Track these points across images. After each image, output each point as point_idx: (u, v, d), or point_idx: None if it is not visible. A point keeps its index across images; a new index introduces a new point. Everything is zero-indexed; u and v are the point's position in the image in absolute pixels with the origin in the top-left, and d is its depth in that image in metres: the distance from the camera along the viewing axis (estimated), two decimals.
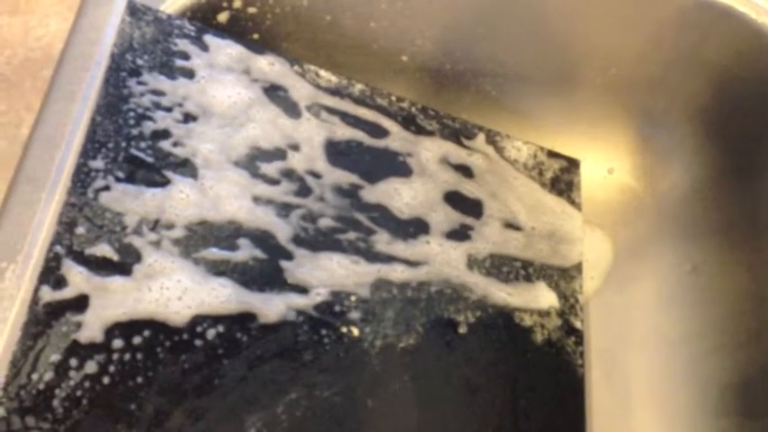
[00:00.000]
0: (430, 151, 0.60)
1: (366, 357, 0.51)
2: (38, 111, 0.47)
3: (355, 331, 0.51)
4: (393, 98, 0.60)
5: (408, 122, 0.60)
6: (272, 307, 0.49)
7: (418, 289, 0.54)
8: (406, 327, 0.53)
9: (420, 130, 0.60)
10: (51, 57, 0.49)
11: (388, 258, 0.54)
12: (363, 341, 0.51)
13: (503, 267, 0.58)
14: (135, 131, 0.49)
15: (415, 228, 0.57)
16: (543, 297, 0.59)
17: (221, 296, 0.48)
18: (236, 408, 0.45)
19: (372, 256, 0.54)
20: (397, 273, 0.54)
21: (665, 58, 0.61)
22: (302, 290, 0.50)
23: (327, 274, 0.52)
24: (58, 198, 0.46)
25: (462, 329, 0.55)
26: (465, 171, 0.61)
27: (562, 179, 0.65)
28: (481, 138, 0.63)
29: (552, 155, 0.65)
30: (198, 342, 0.46)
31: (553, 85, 0.66)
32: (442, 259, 0.56)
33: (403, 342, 0.52)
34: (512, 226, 0.61)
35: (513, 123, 0.67)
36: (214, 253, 0.49)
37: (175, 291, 0.47)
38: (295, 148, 0.55)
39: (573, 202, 0.64)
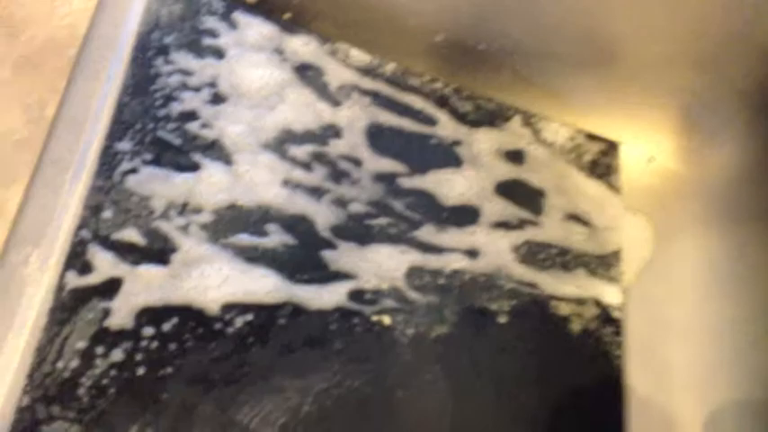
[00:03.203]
0: (481, 141, 0.58)
1: (397, 347, 0.49)
2: (62, 92, 0.46)
3: (386, 320, 0.49)
4: (426, 78, 0.58)
5: (442, 104, 0.58)
6: (306, 295, 0.48)
7: (451, 277, 0.52)
8: (438, 316, 0.51)
9: (466, 119, 0.58)
10: (76, 36, 0.47)
11: (423, 247, 0.52)
12: (394, 330, 0.49)
13: (539, 255, 0.56)
14: (162, 112, 0.48)
15: (457, 217, 0.55)
16: (580, 285, 0.57)
17: (261, 285, 0.47)
18: (265, 397, 0.44)
19: (407, 245, 0.52)
20: (431, 261, 0.52)
21: (714, 35, 0.58)
22: (335, 278, 0.49)
23: (361, 261, 0.50)
24: (84, 181, 0.45)
25: (496, 318, 0.53)
26: (512, 160, 0.59)
27: (601, 163, 0.62)
28: (517, 120, 0.60)
29: (591, 137, 0.63)
30: (228, 330, 0.45)
31: (592, 64, 0.63)
32: (477, 247, 0.54)
33: (435, 331, 0.51)
34: (549, 212, 0.58)
35: (550, 104, 0.64)
36: (244, 239, 0.47)
37: (215, 279, 0.46)
38: (334, 132, 0.53)
39: (612, 187, 0.62)
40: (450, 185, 0.55)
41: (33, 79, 0.45)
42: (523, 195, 0.58)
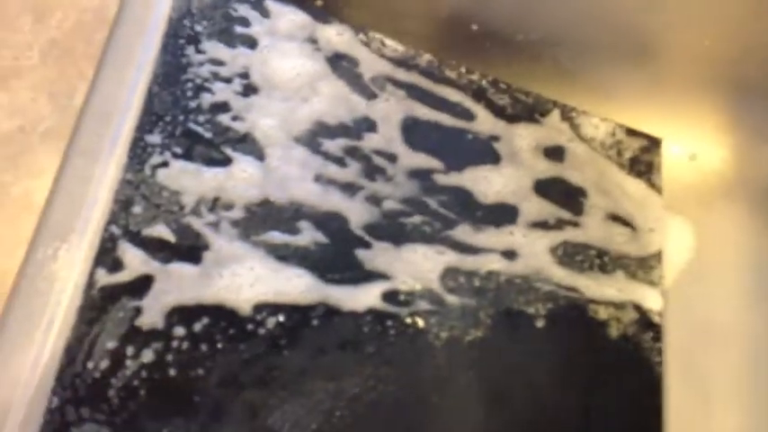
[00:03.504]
0: (520, 137, 0.56)
1: (431, 350, 0.48)
2: (91, 79, 0.44)
3: (420, 322, 0.48)
4: (462, 70, 0.56)
5: (479, 97, 0.56)
6: (338, 296, 0.46)
7: (487, 278, 0.51)
8: (473, 319, 0.49)
9: (504, 113, 0.56)
10: (105, 20, 0.45)
11: (459, 247, 0.51)
12: (429, 333, 0.48)
13: (576, 256, 0.55)
14: (193, 104, 0.47)
15: (495, 216, 0.53)
16: (619, 288, 0.55)
17: (293, 285, 0.45)
18: (296, 401, 0.43)
19: (442, 244, 0.50)
20: (467, 261, 0.51)
21: (763, 28, 0.56)
22: (369, 278, 0.47)
23: (395, 261, 0.48)
24: (113, 174, 0.43)
25: (533, 322, 0.51)
26: (552, 156, 0.57)
27: (642, 160, 0.60)
28: (556, 114, 0.58)
29: (632, 133, 0.61)
30: (260, 331, 0.44)
31: (633, 57, 0.61)
32: (514, 248, 0.53)
33: (470, 335, 0.49)
34: (589, 212, 0.57)
35: (590, 97, 0.62)
36: (275, 237, 0.46)
37: (247, 278, 0.44)
38: (369, 126, 0.51)
39: (653, 186, 0.60)
40: (488, 183, 0.53)
41: (62, 65, 0.44)
42: (563, 194, 0.56)
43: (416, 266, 0.49)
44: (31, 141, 0.42)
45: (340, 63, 0.52)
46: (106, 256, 0.41)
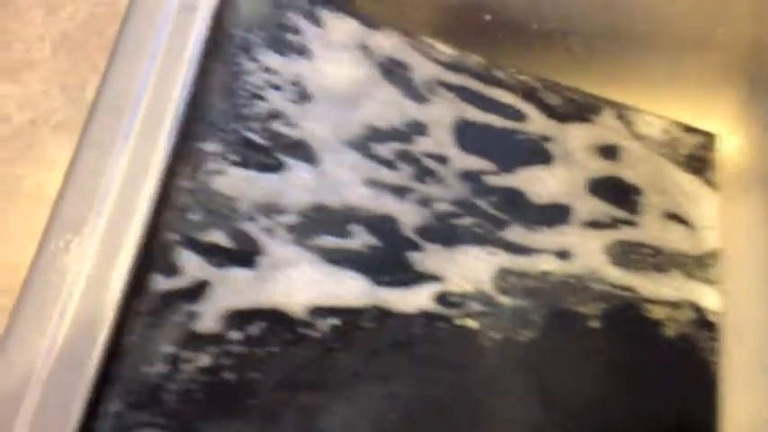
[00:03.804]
0: (573, 137, 0.56)
1: (483, 351, 0.48)
2: (103, 71, 0.43)
3: (472, 324, 0.48)
4: (512, 70, 0.56)
5: (530, 97, 0.55)
6: (390, 298, 0.47)
7: (540, 279, 0.51)
8: (525, 319, 0.49)
9: (556, 113, 0.56)
10: (117, 12, 0.46)
11: (511, 247, 0.51)
12: (480, 334, 0.48)
13: (632, 255, 0.54)
14: (247, 112, 0.48)
15: (547, 216, 0.53)
16: (676, 287, 0.54)
17: (345, 288, 0.46)
18: (349, 404, 0.44)
19: (494, 245, 0.50)
20: (519, 262, 0.51)
21: None
22: (420, 280, 0.48)
23: (447, 263, 0.49)
24: (155, 175, 0.43)
25: (587, 323, 0.51)
26: (606, 155, 0.56)
27: (697, 156, 0.59)
28: (609, 113, 0.58)
29: (688, 129, 0.60)
30: (314, 334, 0.44)
31: (687, 50, 0.60)
32: (568, 248, 0.52)
33: (522, 336, 0.49)
34: (645, 210, 0.56)
35: (642, 94, 0.61)
36: (328, 240, 0.47)
37: (301, 282, 0.45)
38: (420, 129, 0.51)
39: (709, 183, 0.59)
40: (541, 183, 0.53)
41: (74, 57, 0.44)
42: (618, 193, 0.56)
43: (468, 268, 0.49)
44: (42, 134, 0.43)
45: (391, 68, 0.52)
46: (163, 261, 0.43)
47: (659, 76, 0.60)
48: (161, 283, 0.42)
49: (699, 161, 0.59)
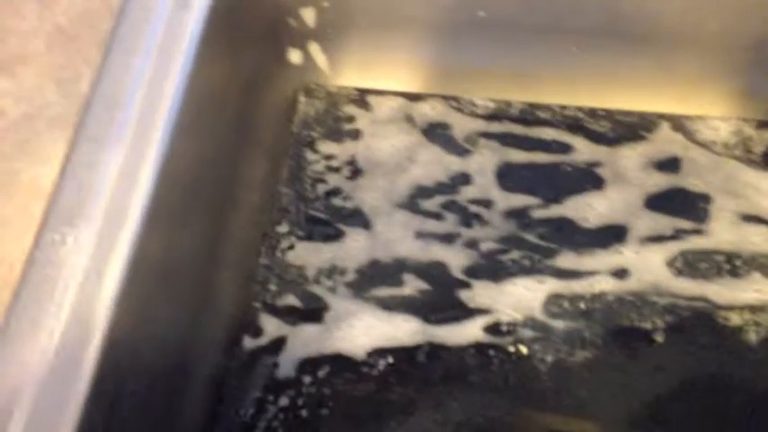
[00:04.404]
0: (625, 158, 0.57)
1: (536, 374, 0.51)
2: (97, 66, 0.44)
3: (524, 349, 0.51)
4: (555, 108, 0.59)
5: (576, 128, 0.58)
6: (442, 333, 0.52)
7: (593, 300, 0.52)
8: (579, 340, 0.51)
9: (604, 138, 0.58)
10: (111, 7, 0.46)
11: (561, 273, 0.53)
12: (533, 358, 0.51)
13: (700, 264, 0.53)
14: (311, 194, 0.58)
15: (600, 239, 0.55)
16: (757, 290, 0.52)
17: (400, 330, 0.53)
18: (406, 430, 0.50)
19: (543, 274, 0.54)
20: (570, 286, 0.53)
21: None
22: (471, 314, 0.53)
23: (496, 296, 0.53)
24: (119, 161, 0.41)
25: (651, 337, 0.51)
26: (665, 169, 0.57)
27: None
28: (665, 126, 0.58)
29: (762, 125, 0.57)
30: (372, 372, 0.51)
31: (644, 43, 0.57)
32: (624, 266, 0.53)
33: (576, 356, 0.51)
34: (716, 217, 0.55)
35: (595, 83, 0.59)
36: (383, 291, 0.54)
37: (360, 329, 0.53)
38: (464, 180, 0.57)
39: None
40: (590, 208, 0.55)
41: (68, 51, 0.44)
42: (681, 204, 0.55)
43: (517, 298, 0.53)
44: (38, 128, 0.42)
45: (434, 131, 0.59)
46: (249, 325, 0.53)
47: (716, 79, 0.58)
48: (249, 343, 0.53)
49: None
